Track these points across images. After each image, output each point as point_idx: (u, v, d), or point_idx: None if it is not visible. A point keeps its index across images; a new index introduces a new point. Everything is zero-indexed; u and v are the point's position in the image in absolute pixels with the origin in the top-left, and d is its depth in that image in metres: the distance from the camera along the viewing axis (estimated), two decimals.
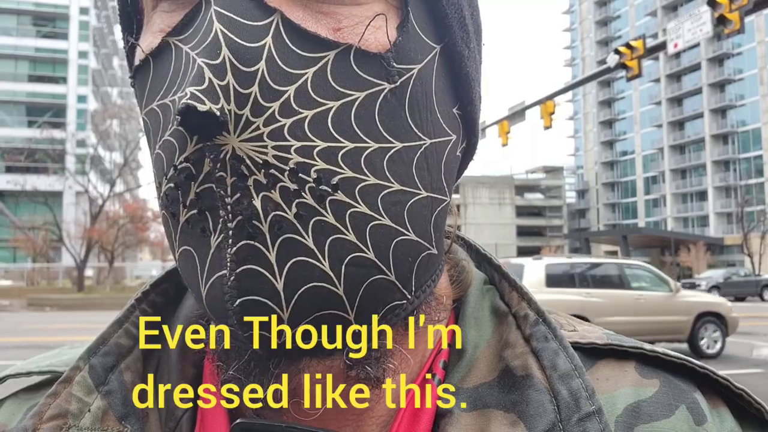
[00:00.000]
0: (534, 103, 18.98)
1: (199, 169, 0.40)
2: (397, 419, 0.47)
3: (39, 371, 0.54)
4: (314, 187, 0.40)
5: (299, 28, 0.40)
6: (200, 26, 0.40)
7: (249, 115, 0.38)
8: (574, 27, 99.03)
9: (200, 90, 0.36)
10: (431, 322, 0.50)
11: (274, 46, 0.39)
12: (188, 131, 0.38)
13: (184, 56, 0.41)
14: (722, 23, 12.19)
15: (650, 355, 0.50)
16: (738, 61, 72.95)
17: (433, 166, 0.46)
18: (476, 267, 0.57)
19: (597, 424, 0.44)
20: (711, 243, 63.19)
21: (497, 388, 0.47)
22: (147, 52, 0.45)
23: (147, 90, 0.45)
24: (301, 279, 0.40)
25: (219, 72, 0.37)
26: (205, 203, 0.40)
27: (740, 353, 12.26)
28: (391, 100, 0.42)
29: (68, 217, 43.27)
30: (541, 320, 0.49)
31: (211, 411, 0.49)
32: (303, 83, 0.40)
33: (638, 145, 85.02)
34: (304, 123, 0.39)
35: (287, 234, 0.39)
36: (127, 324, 0.53)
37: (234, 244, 0.39)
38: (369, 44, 0.42)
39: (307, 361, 0.44)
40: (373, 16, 0.42)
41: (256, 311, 0.40)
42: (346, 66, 0.41)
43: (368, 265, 0.42)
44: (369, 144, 0.41)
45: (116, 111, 42.37)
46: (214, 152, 0.39)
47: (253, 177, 0.39)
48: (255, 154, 0.39)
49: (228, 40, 0.38)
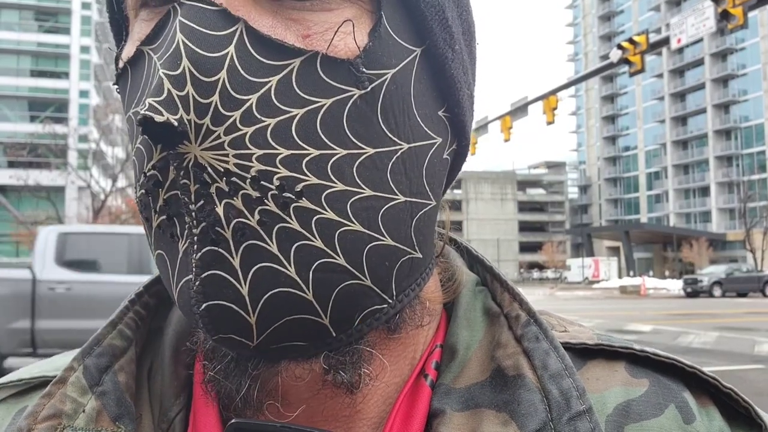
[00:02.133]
0: (536, 99, 18.96)
1: (164, 176, 0.41)
2: (390, 420, 0.48)
3: (30, 377, 0.54)
4: (277, 194, 0.40)
5: (263, 36, 0.41)
6: (167, 36, 0.41)
7: (209, 125, 0.39)
8: (577, 22, 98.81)
9: (158, 101, 0.37)
10: (417, 325, 0.50)
11: (237, 55, 0.40)
12: (152, 140, 0.38)
13: (153, 65, 0.41)
14: (725, 18, 12.16)
15: (640, 355, 0.51)
16: (741, 56, 72.77)
17: (412, 170, 0.46)
18: (469, 269, 0.57)
19: (587, 423, 0.44)
20: (713, 239, 63.15)
21: (489, 388, 0.47)
22: (125, 60, 0.46)
23: (126, 97, 0.46)
24: (266, 284, 0.40)
25: (179, 83, 0.38)
26: (172, 209, 0.41)
27: (742, 349, 12.28)
28: (361, 105, 0.42)
29: (71, 212, 43.32)
30: (533, 321, 0.50)
31: (203, 412, 0.50)
32: (266, 92, 0.40)
33: (641, 141, 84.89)
34: (266, 131, 0.40)
35: (250, 240, 0.40)
36: (121, 325, 0.53)
37: (199, 249, 0.40)
38: (338, 50, 0.42)
39: (286, 364, 0.44)
40: (342, 22, 0.42)
41: (221, 315, 0.40)
42: (312, 73, 0.41)
43: (339, 271, 0.42)
44: (336, 150, 0.42)
45: (118, 106, 42.16)
46: (177, 160, 0.39)
47: (215, 185, 0.39)
48: (216, 163, 0.39)
49: (188, 50, 0.39)
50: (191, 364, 0.53)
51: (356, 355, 0.45)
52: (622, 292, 39.32)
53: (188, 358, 0.53)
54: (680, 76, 79.86)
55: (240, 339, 0.41)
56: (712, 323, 17.30)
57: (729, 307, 25.47)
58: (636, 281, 42.07)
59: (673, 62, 78.89)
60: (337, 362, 0.45)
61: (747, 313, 21.93)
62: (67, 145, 38.68)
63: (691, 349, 12.36)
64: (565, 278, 65.97)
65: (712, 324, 17.11)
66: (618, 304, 28.60)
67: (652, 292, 38.46)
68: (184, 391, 0.52)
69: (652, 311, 22.22)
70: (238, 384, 0.44)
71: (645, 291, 37.59)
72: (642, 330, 16.03)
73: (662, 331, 15.86)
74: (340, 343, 0.44)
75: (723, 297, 33.88)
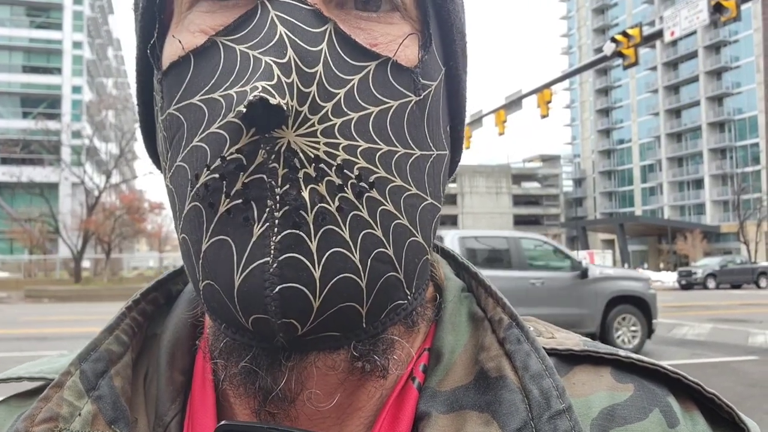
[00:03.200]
0: (531, 92, 18.95)
1: (250, 160, 0.41)
2: (379, 421, 0.49)
3: (30, 377, 0.55)
4: (355, 183, 0.43)
5: (349, 38, 0.44)
6: (259, 29, 0.43)
7: (307, 113, 0.41)
8: (571, 15, 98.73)
9: (271, 85, 0.39)
10: (429, 322, 0.53)
11: (329, 52, 0.43)
12: (249, 123, 0.40)
13: (239, 55, 0.43)
14: (719, 11, 12.17)
15: (625, 361, 0.52)
16: (735, 48, 72.85)
17: (436, 175, 0.50)
18: (455, 275, 0.59)
19: (567, 421, 0.45)
20: (707, 231, 63.32)
21: (473, 390, 0.48)
22: (189, 49, 0.46)
23: (184, 86, 0.46)
24: (336, 269, 0.42)
25: (286, 70, 0.40)
26: (252, 193, 0.42)
27: (736, 340, 12.32)
28: (415, 111, 0.47)
29: (64, 209, 43.16)
30: (515, 324, 0.51)
31: (200, 415, 0.51)
32: (350, 88, 0.44)
33: (635, 134, 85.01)
34: (351, 124, 0.43)
35: (329, 225, 0.42)
36: (118, 331, 0.54)
37: (279, 232, 0.41)
38: (401, 59, 0.46)
39: (315, 355, 0.45)
40: (405, 36, 0.47)
41: (292, 299, 0.41)
42: (384, 76, 0.45)
43: (387, 261, 0.44)
44: (398, 148, 0.45)
45: (112, 102, 42.19)
46: (269, 144, 0.41)
47: (303, 170, 0.41)
48: (308, 149, 0.41)
49: (292, 42, 0.42)
50: (187, 370, 0.54)
51: (386, 344, 0.47)
52: None
53: (184, 363, 0.54)
54: (674, 68, 79.92)
55: (297, 325, 0.42)
56: (707, 315, 17.36)
57: (723, 298, 25.58)
58: None
59: (667, 55, 78.93)
60: (367, 350, 0.46)
61: (741, 304, 22.02)
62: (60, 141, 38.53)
63: (686, 340, 12.40)
64: None
65: (706, 316, 17.17)
66: None
67: None
68: (179, 396, 0.52)
69: None
70: (275, 376, 0.45)
71: None
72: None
73: (657, 323, 15.88)
74: (367, 334, 0.46)
75: (717, 289, 34.03)
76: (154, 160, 0.58)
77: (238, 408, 0.50)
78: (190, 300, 0.57)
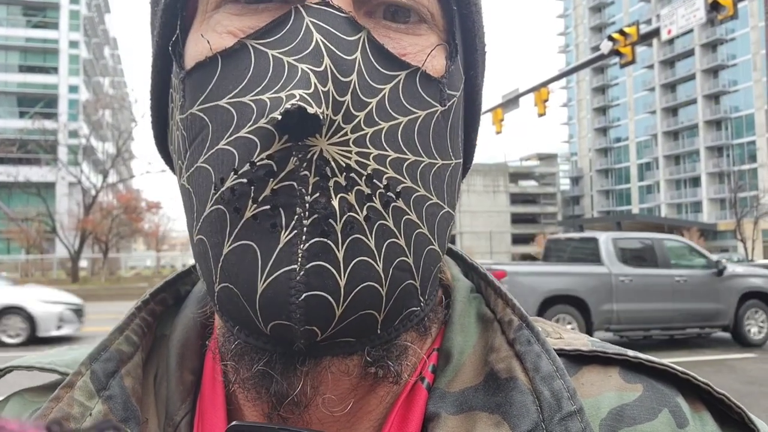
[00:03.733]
0: (528, 91, 18.96)
1: (281, 167, 0.41)
2: (388, 422, 0.49)
3: (40, 367, 0.56)
4: (383, 192, 0.43)
5: (381, 47, 0.44)
6: (293, 34, 0.42)
7: (341, 122, 0.41)
8: (568, 13, 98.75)
9: (308, 93, 0.39)
10: (440, 326, 0.53)
11: (362, 60, 0.43)
12: (283, 130, 0.40)
13: (272, 60, 0.43)
14: (715, 9, 12.19)
15: (634, 362, 0.51)
16: (731, 46, 72.89)
17: (453, 184, 0.50)
18: (464, 276, 0.59)
19: (578, 423, 0.45)
20: (704, 229, 63.32)
21: (483, 392, 0.48)
22: (217, 50, 0.45)
23: (210, 87, 0.45)
24: (360, 277, 0.42)
25: (322, 79, 0.40)
26: (280, 200, 0.41)
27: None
28: (440, 121, 0.47)
29: (61, 208, 43.08)
30: (525, 325, 0.51)
31: (210, 415, 0.51)
32: (382, 97, 0.43)
33: (632, 132, 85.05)
34: (381, 134, 0.43)
35: (356, 234, 0.42)
36: (128, 331, 0.54)
37: (307, 240, 0.41)
38: (429, 70, 0.47)
39: (330, 360, 0.45)
40: (434, 46, 0.47)
41: (317, 307, 0.41)
42: (413, 86, 0.45)
43: (407, 270, 0.44)
44: (423, 158, 0.45)
45: (108, 101, 42.08)
46: (301, 152, 0.41)
47: (334, 179, 0.41)
48: (340, 158, 0.41)
49: (328, 50, 0.41)
50: (197, 370, 0.54)
51: (399, 350, 0.47)
52: None
53: (194, 363, 0.54)
54: (671, 67, 79.97)
55: (317, 331, 0.42)
56: None
57: None
58: None
59: (664, 53, 78.97)
60: (380, 356, 0.46)
61: None
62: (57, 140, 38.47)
63: (685, 338, 12.41)
64: None
65: None
66: None
67: None
68: (189, 395, 0.52)
69: None
70: (290, 381, 0.45)
71: None
72: None
73: None
74: (381, 340, 0.46)
75: None
76: (163, 155, 0.58)
77: (248, 410, 0.50)
78: (198, 300, 0.58)
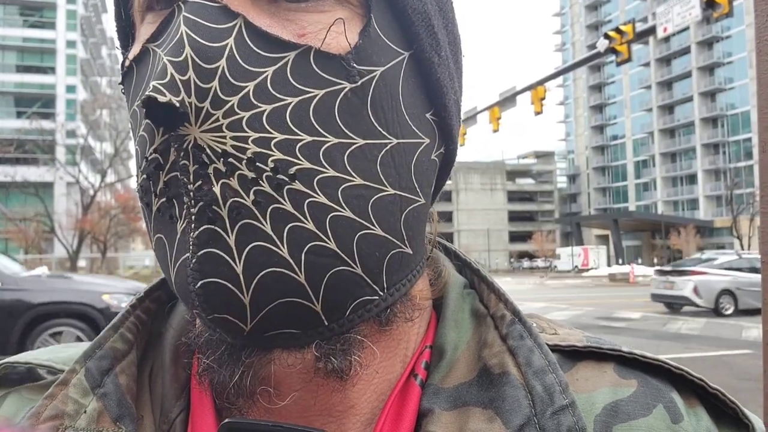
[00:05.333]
0: (525, 89, 19.03)
1: (165, 158, 0.42)
2: (381, 418, 0.48)
3: (38, 363, 0.56)
4: (271, 176, 0.42)
5: (260, 30, 0.43)
6: (171, 31, 0.43)
7: (209, 108, 0.41)
8: (564, 11, 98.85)
9: (162, 83, 0.39)
10: (406, 321, 0.51)
11: (236, 46, 0.43)
12: (155, 123, 0.40)
13: (158, 57, 0.44)
14: (711, 7, 12.28)
15: (628, 357, 0.51)
16: (727, 44, 73.09)
17: (401, 165, 0.47)
18: (457, 272, 0.58)
19: (570, 416, 0.45)
20: (701, 226, 63.61)
21: (476, 387, 0.48)
22: (131, 59, 0.48)
23: (131, 93, 0.48)
24: (260, 263, 0.41)
25: (181, 68, 0.40)
26: (172, 191, 0.43)
27: (729, 334, 12.46)
28: (352, 98, 0.45)
29: (60, 208, 43.07)
30: (517, 320, 0.51)
31: (200, 411, 0.51)
32: (263, 80, 0.42)
33: (628, 129, 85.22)
34: (262, 116, 0.42)
35: (245, 219, 0.41)
36: (122, 329, 0.54)
37: (196, 228, 0.41)
38: (330, 47, 0.44)
39: (279, 353, 0.45)
40: (333, 21, 0.45)
41: (217, 293, 0.41)
42: (306, 65, 0.44)
43: (330, 255, 0.43)
44: (328, 138, 0.44)
45: (106, 101, 42.07)
46: (178, 142, 0.41)
47: (213, 165, 0.41)
48: (214, 144, 0.41)
49: (191, 39, 0.41)
50: (191, 366, 0.54)
51: (347, 343, 0.46)
52: (612, 280, 39.59)
53: (187, 359, 0.54)
54: (667, 64, 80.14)
55: (234, 320, 0.42)
56: (701, 309, 17.49)
57: None
58: (625, 269, 42.31)
59: (660, 51, 79.13)
60: (328, 350, 0.45)
61: None
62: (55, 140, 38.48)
63: (680, 335, 12.54)
64: (555, 267, 66.23)
65: (700, 310, 17.30)
66: (607, 291, 28.82)
67: (641, 280, 38.70)
68: (184, 392, 0.52)
69: (641, 298, 22.42)
70: (232, 372, 0.45)
71: (634, 279, 37.82)
72: (631, 317, 16.21)
73: (651, 317, 16.04)
74: (332, 332, 0.45)
75: None
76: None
77: (206, 401, 0.51)
78: None
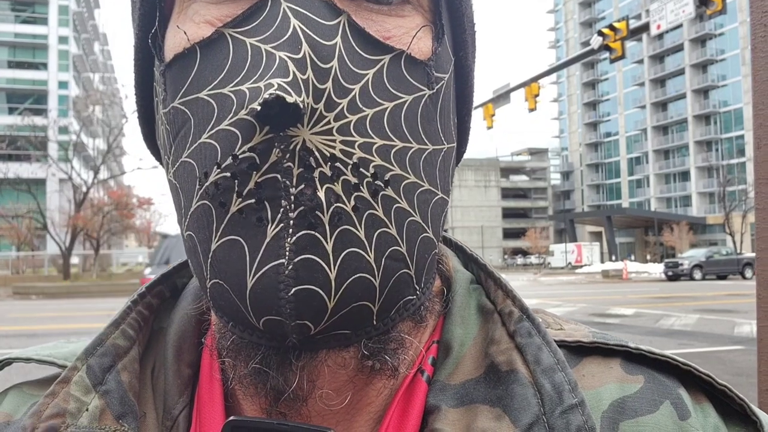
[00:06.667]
0: (518, 86, 19.04)
1: (264, 159, 0.40)
2: (388, 414, 0.48)
3: (39, 359, 0.55)
4: (371, 181, 0.42)
5: (363, 30, 0.43)
6: (270, 21, 0.41)
7: (323, 110, 0.40)
8: (558, 8, 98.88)
9: (287, 82, 0.37)
10: (431, 318, 0.52)
11: (343, 45, 0.41)
12: (261, 121, 0.38)
13: (249, 48, 0.41)
14: (704, 4, 12.30)
15: (635, 353, 0.51)
16: (720, 41, 73.25)
17: (447, 169, 0.49)
18: (464, 267, 0.58)
19: (579, 416, 0.44)
20: (694, 222, 63.78)
21: (483, 384, 0.48)
22: (194, 41, 0.44)
23: (189, 79, 0.44)
24: (352, 269, 0.41)
25: (301, 66, 0.39)
26: (265, 193, 0.40)
27: (722, 330, 12.48)
28: (429, 105, 0.45)
29: (52, 205, 42.92)
30: (525, 317, 0.50)
31: (208, 410, 0.50)
32: (365, 83, 0.42)
33: (622, 126, 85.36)
34: (366, 120, 0.42)
35: (345, 225, 0.41)
36: (124, 325, 0.53)
37: (294, 233, 0.40)
38: (414, 52, 0.45)
39: (324, 354, 0.44)
40: (419, 28, 0.45)
41: (308, 300, 0.40)
42: (398, 70, 0.44)
43: (400, 259, 0.43)
44: (412, 144, 0.44)
45: (99, 97, 41.83)
46: (284, 143, 0.39)
47: (319, 169, 0.40)
48: (324, 147, 0.40)
49: (307, 36, 0.40)
50: (194, 363, 0.53)
51: (396, 343, 0.46)
52: (605, 277, 39.64)
53: (191, 356, 0.53)
54: (660, 61, 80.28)
55: (309, 324, 0.41)
56: (693, 306, 17.55)
57: (709, 289, 25.80)
58: (618, 265, 42.40)
59: (653, 48, 79.26)
60: (375, 349, 0.45)
61: (727, 295, 22.24)
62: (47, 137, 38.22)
63: (673, 331, 12.55)
64: (548, 264, 66.31)
65: (692, 306, 17.35)
66: (601, 288, 28.86)
67: (633, 276, 38.85)
68: (187, 389, 0.52)
69: (634, 295, 22.49)
70: (285, 376, 0.44)
71: (627, 275, 37.92)
72: (624, 313, 16.24)
73: (644, 314, 16.07)
74: (378, 331, 0.45)
75: (703, 280, 34.27)
76: (152, 150, 0.56)
77: (246, 405, 0.50)
78: (195, 293, 0.57)
